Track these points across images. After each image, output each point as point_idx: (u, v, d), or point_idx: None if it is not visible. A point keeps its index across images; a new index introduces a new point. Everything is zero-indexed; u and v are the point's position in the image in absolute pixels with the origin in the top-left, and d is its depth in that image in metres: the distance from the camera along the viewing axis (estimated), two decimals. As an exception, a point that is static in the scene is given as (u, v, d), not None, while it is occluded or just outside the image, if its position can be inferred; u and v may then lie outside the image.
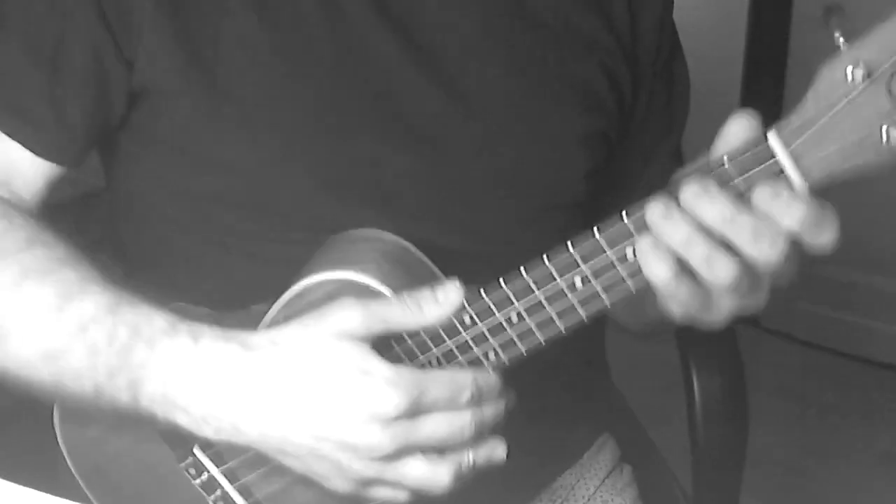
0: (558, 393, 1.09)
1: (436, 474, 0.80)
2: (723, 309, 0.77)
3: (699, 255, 0.72)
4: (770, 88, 2.66)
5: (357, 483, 0.80)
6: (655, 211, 0.72)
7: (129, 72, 0.90)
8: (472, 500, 1.00)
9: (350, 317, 0.78)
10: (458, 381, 0.79)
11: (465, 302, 0.80)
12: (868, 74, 0.66)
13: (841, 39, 0.67)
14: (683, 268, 0.73)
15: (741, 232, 0.70)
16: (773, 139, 0.69)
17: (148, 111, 0.93)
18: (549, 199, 0.97)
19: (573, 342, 1.10)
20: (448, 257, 0.89)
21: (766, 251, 0.71)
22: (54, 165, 0.93)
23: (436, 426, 0.78)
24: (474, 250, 0.92)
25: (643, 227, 0.73)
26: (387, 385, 0.76)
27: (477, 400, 0.80)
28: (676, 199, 0.72)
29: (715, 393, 1.20)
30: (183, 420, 0.80)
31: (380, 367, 0.77)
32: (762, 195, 0.70)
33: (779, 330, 2.81)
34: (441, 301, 0.79)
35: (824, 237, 0.71)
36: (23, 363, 0.83)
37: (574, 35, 0.97)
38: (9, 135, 0.91)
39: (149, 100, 0.92)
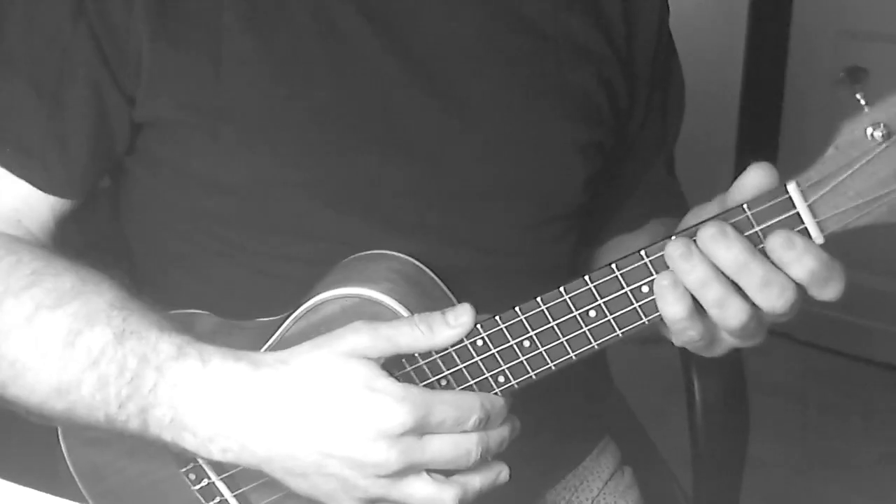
0: (560, 396, 1.09)
1: (441, 495, 0.79)
2: (724, 346, 0.79)
3: (713, 296, 0.73)
4: (770, 90, 2.66)
5: (363, 502, 0.80)
6: (676, 250, 0.73)
7: (131, 106, 0.91)
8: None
9: (359, 339, 0.78)
10: (466, 402, 0.79)
11: (479, 326, 0.80)
12: (888, 135, 0.68)
13: (863, 101, 0.69)
14: (697, 308, 0.74)
15: (752, 279, 0.72)
16: (793, 191, 0.71)
17: (151, 138, 0.94)
18: (548, 210, 0.98)
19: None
20: (448, 269, 0.89)
21: (772, 300, 0.73)
22: (62, 200, 0.94)
23: (442, 447, 0.78)
24: (474, 261, 0.93)
25: (661, 265, 0.75)
26: (394, 402, 0.76)
27: (484, 423, 0.80)
28: (695, 241, 0.73)
29: (715, 393, 1.20)
30: (190, 443, 0.80)
31: (387, 385, 0.77)
32: (776, 242, 0.72)
33: (779, 330, 2.81)
34: (452, 324, 0.79)
35: (830, 291, 0.73)
36: (38, 397, 0.84)
37: (571, 45, 0.97)
38: (15, 173, 0.92)
39: (151, 128, 0.93)
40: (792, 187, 0.71)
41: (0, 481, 0.84)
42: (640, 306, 0.76)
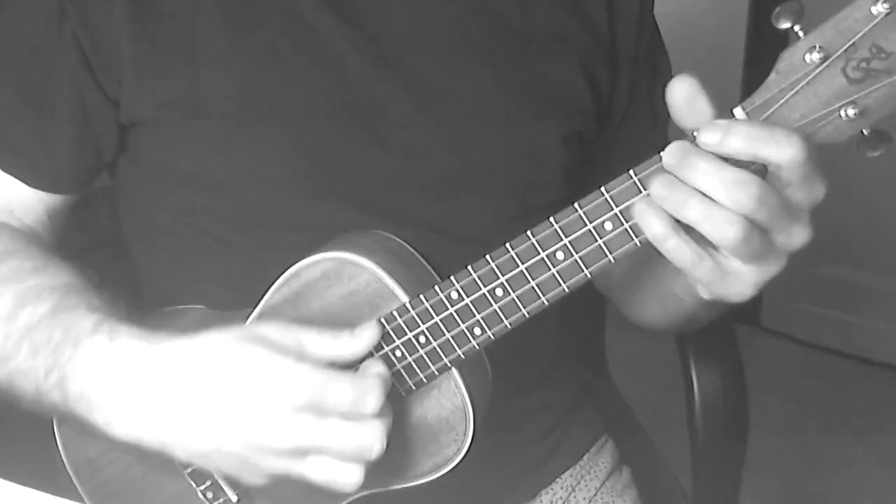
0: (558, 394, 1.09)
1: (342, 477, 0.79)
2: (744, 278, 0.77)
3: (697, 209, 0.73)
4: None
5: (267, 477, 0.81)
6: (656, 184, 0.74)
7: (116, 108, 0.94)
8: (471, 500, 1.00)
9: (269, 330, 0.80)
10: (364, 384, 0.78)
11: (452, 278, 0.83)
12: (825, 58, 0.71)
13: (800, 32, 0.72)
14: (684, 227, 0.74)
15: (717, 183, 0.72)
16: (739, 115, 0.74)
17: (138, 138, 0.96)
18: (527, 201, 0.98)
19: (568, 341, 1.10)
20: (428, 257, 0.91)
21: (734, 195, 0.71)
22: (53, 194, 0.97)
23: (342, 433, 0.77)
24: (454, 251, 0.93)
25: (621, 199, 0.76)
26: (288, 378, 0.77)
27: (385, 410, 0.79)
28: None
29: (715, 393, 1.20)
30: (98, 419, 0.82)
31: (284, 362, 0.78)
32: (704, 133, 0.72)
33: (779, 330, 2.81)
34: (357, 336, 0.81)
35: (784, 150, 0.71)
36: None
37: (546, 36, 0.98)
38: (2, 169, 0.96)
39: (137, 128, 0.96)
40: (738, 111, 0.74)
41: (0, 481, 0.84)
42: (604, 242, 0.78)
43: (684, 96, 0.74)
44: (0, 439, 1.11)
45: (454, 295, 0.83)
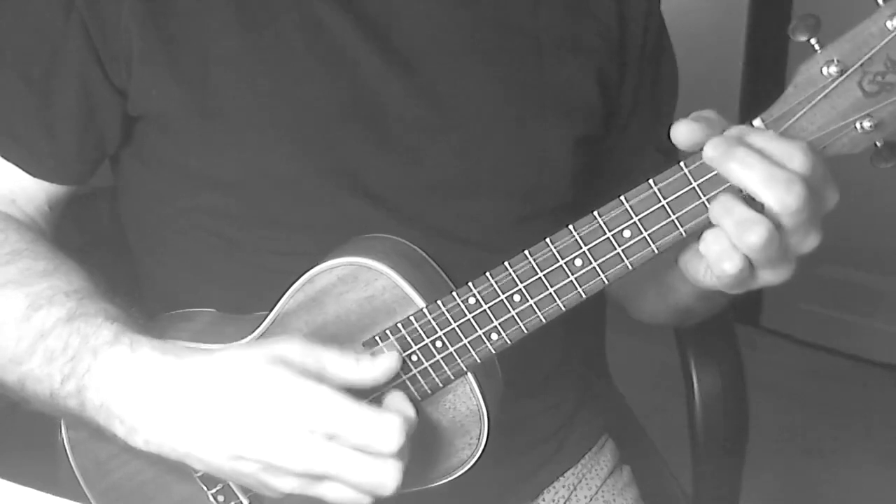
0: (563, 396, 1.09)
1: (355, 500, 0.79)
2: (756, 281, 0.79)
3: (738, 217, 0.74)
4: (770, 88, 2.66)
5: (281, 494, 0.81)
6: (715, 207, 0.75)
7: (123, 100, 0.94)
8: (474, 501, 1.00)
9: (291, 347, 0.79)
10: (386, 422, 0.77)
11: (470, 284, 0.83)
12: (842, 71, 0.72)
13: (816, 45, 0.73)
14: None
15: (753, 176, 0.72)
16: (758, 126, 0.75)
17: (147, 132, 0.96)
18: (535, 205, 0.98)
19: (573, 344, 1.10)
20: (436, 261, 0.91)
21: (780, 194, 0.72)
22: (55, 184, 0.97)
23: (357, 464, 0.77)
24: (460, 255, 0.93)
25: (641, 208, 0.77)
26: (309, 399, 0.76)
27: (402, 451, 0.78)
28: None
29: (715, 393, 1.20)
30: (119, 429, 0.81)
31: (304, 384, 0.77)
32: (709, 147, 0.74)
33: (779, 330, 2.81)
34: (377, 363, 0.80)
35: (795, 160, 0.72)
36: None
37: (555, 40, 0.98)
38: (5, 158, 0.95)
39: (146, 122, 0.95)
40: (757, 122, 0.75)
41: (0, 481, 0.84)
42: (622, 250, 0.79)
43: (687, 141, 0.75)
44: (0, 439, 1.11)
45: (472, 300, 0.83)
